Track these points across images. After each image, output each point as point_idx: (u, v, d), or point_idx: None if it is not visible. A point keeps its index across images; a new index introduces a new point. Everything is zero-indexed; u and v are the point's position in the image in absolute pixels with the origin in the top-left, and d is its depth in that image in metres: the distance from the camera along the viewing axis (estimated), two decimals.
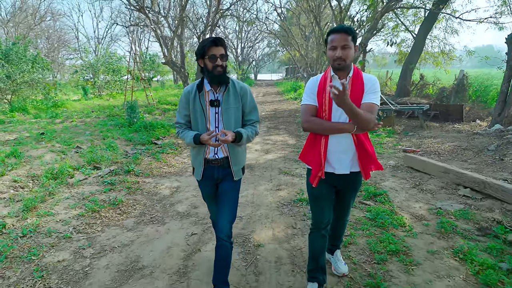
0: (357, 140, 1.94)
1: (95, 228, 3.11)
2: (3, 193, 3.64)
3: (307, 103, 1.97)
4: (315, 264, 2.20)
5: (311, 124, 1.94)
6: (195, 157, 2.08)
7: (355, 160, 1.98)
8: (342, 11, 11.04)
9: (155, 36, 10.94)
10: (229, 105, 1.99)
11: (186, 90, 2.04)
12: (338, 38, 1.80)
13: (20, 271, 2.41)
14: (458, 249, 2.83)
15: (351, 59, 1.85)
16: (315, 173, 1.99)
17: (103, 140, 6.23)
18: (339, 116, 1.91)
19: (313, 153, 2.01)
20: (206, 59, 1.88)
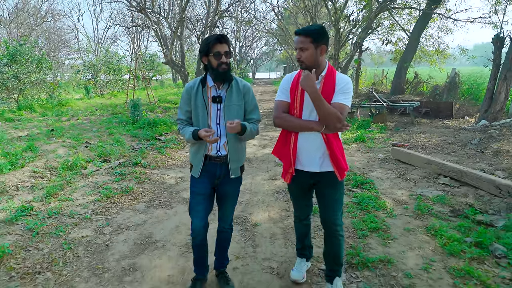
0: (327, 139, 1.93)
1: (111, 211, 3.53)
2: (25, 182, 4.05)
3: (280, 99, 2.01)
4: (302, 244, 2.44)
5: (281, 120, 1.97)
6: (195, 154, 2.07)
7: (327, 159, 1.97)
8: (337, 12, 11.44)
9: (156, 36, 11.33)
10: (232, 102, 2.00)
11: (188, 85, 2.05)
12: (297, 40, 1.86)
13: (51, 244, 2.82)
14: (430, 227, 3.25)
15: (311, 61, 1.86)
16: (286, 169, 2.04)
17: (109, 136, 6.64)
18: (309, 113, 1.94)
19: (284, 149, 2.04)
20: (210, 56, 1.90)
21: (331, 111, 1.80)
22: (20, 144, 5.31)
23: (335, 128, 1.85)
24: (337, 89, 1.88)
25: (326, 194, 2.10)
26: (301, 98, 1.93)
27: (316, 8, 17.72)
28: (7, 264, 2.49)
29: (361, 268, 2.59)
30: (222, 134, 2.02)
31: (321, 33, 1.83)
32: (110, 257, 2.70)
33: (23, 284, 2.30)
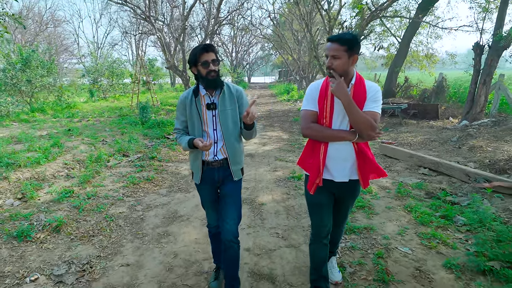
0: (358, 148, 1.91)
1: (139, 194, 4.17)
2: (60, 172, 4.68)
3: (308, 109, 1.95)
4: (318, 274, 2.20)
5: (311, 131, 1.92)
6: (194, 161, 2.14)
7: (354, 168, 1.95)
8: (330, 20, 12.22)
9: (160, 43, 11.99)
10: (226, 107, 2.04)
11: (183, 96, 2.10)
12: (330, 47, 1.80)
13: (95, 217, 3.46)
14: (407, 205, 3.94)
15: (343, 69, 1.81)
16: (313, 180, 1.97)
17: (123, 135, 7.26)
18: (340, 123, 1.89)
19: (312, 159, 1.98)
20: (199, 66, 1.95)
21: (365, 119, 1.76)
22: (45, 142, 5.91)
23: (369, 136, 1.81)
24: (368, 97, 1.85)
25: (346, 204, 2.13)
26: (331, 107, 1.88)
27: (310, 15, 18.57)
28: (65, 230, 3.12)
29: (349, 233, 3.26)
30: (219, 139, 2.07)
31: (355, 42, 1.79)
32: (146, 226, 3.34)
33: (82, 244, 2.94)
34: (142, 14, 11.74)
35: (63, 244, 2.91)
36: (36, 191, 3.98)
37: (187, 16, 11.40)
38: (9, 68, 9.66)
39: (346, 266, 2.69)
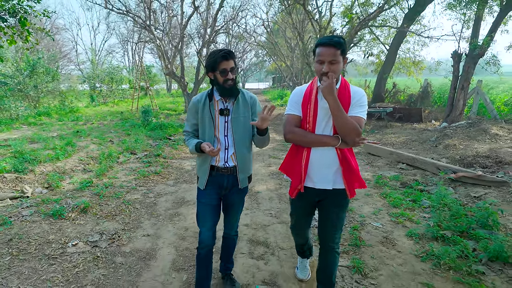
0: (341, 154, 1.86)
1: (150, 185, 4.75)
2: (77, 166, 5.24)
3: (291, 113, 1.92)
4: (301, 249, 2.50)
5: (294, 135, 1.88)
6: (201, 166, 2.10)
7: (339, 176, 1.89)
8: (321, 29, 12.99)
9: (159, 50, 12.62)
10: (239, 114, 2.02)
11: (196, 99, 2.07)
12: (326, 52, 1.72)
13: (115, 202, 4.03)
14: (383, 193, 4.57)
15: (339, 73, 1.80)
16: (294, 185, 1.95)
17: (127, 136, 7.83)
18: (323, 128, 1.86)
19: (294, 165, 1.95)
20: (216, 72, 1.92)
21: (351, 124, 1.73)
22: (59, 141, 6.47)
23: (353, 142, 1.78)
24: (353, 102, 1.82)
25: (331, 212, 2.00)
26: (314, 112, 1.85)
27: (303, 23, 19.39)
28: (91, 211, 3.69)
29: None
30: (229, 146, 2.05)
31: (346, 44, 1.78)
32: (159, 209, 3.93)
33: (108, 221, 3.51)
34: (142, 23, 12.38)
35: (91, 221, 3.48)
36: (60, 182, 4.54)
37: (185, 25, 12.07)
38: (17, 74, 10.20)
39: None
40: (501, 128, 7.54)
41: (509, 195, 4.22)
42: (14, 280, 2.44)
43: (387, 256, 2.93)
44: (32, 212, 3.57)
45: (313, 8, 17.31)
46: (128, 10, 11.58)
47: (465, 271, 2.65)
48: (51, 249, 2.89)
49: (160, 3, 13.14)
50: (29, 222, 3.34)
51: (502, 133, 7.15)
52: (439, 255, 2.84)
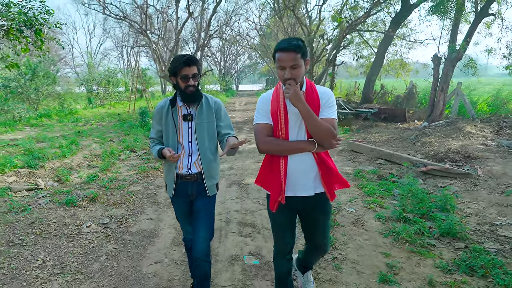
0: (319, 158, 1.81)
1: (150, 178, 5.23)
2: (82, 162, 5.70)
3: (261, 122, 1.84)
4: (283, 286, 2.18)
5: (268, 145, 1.80)
6: (167, 173, 2.07)
7: (318, 180, 1.84)
8: (310, 34, 13.56)
9: (155, 54, 13.08)
10: (202, 120, 1.99)
11: (159, 105, 2.04)
12: (286, 57, 1.66)
13: (119, 193, 4.50)
14: (360, 184, 5.10)
15: (302, 77, 1.74)
16: (274, 198, 1.84)
17: (126, 136, 8.28)
18: (297, 134, 1.80)
19: (271, 176, 1.86)
20: (178, 78, 1.90)
21: (325, 127, 1.70)
22: (63, 141, 6.90)
23: (330, 144, 1.74)
24: (322, 104, 1.79)
25: (315, 218, 1.95)
26: (285, 118, 1.79)
27: (294, 27, 19.99)
28: (99, 200, 4.17)
29: None
30: (193, 152, 2.00)
31: (305, 47, 1.72)
32: (159, 198, 4.41)
33: (115, 208, 3.99)
34: (138, 28, 12.84)
35: (100, 208, 3.95)
36: (69, 176, 5.00)
37: (180, 30, 12.56)
38: (19, 77, 10.59)
39: None
40: (475, 127, 8.14)
41: (471, 185, 4.77)
42: (41, 252, 2.92)
43: (356, 233, 3.45)
44: (48, 201, 4.04)
45: (303, 13, 17.93)
46: (125, 16, 12.04)
47: (419, 244, 3.17)
48: (69, 229, 3.36)
49: (155, 8, 13.62)
50: (46, 209, 3.81)
51: (475, 131, 7.75)
52: (399, 232, 3.37)
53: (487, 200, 4.18)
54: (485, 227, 3.50)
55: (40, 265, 2.73)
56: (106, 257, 2.90)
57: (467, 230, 3.41)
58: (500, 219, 3.64)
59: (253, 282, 2.60)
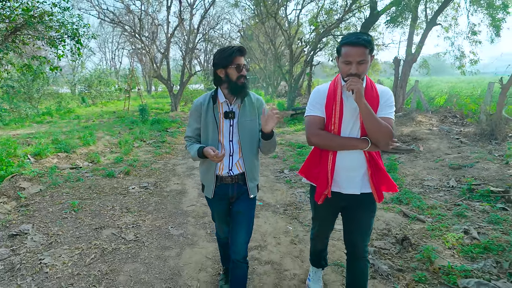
0: (370, 157, 1.75)
1: (165, 159, 6.39)
2: (105, 149, 6.76)
3: (314, 114, 1.78)
4: (318, 257, 2.30)
5: (320, 139, 1.73)
6: (205, 173, 1.96)
7: (366, 180, 1.78)
8: (289, 38, 14.96)
9: (148, 56, 14.04)
10: (245, 118, 1.87)
11: (198, 102, 1.92)
12: (355, 52, 1.59)
13: (145, 169, 5.65)
14: None
15: (366, 73, 1.68)
16: (320, 191, 1.81)
17: (131, 130, 9.31)
18: (350, 130, 1.74)
19: (319, 169, 1.82)
20: (231, 68, 1.78)
21: (385, 127, 1.62)
22: (78, 134, 7.89)
23: (386, 144, 1.67)
24: (382, 103, 1.72)
25: (359, 218, 1.89)
26: (340, 113, 1.73)
27: (274, 30, 21.35)
28: (132, 174, 5.30)
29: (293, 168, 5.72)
30: (235, 152, 1.89)
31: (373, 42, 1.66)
32: (178, 171, 5.60)
33: (147, 177, 5.15)
34: (131, 32, 13.76)
35: (136, 179, 5.11)
36: (100, 158, 6.08)
37: (172, 34, 13.60)
38: (22, 78, 11.26)
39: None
40: (425, 117, 9.80)
41: (413, 157, 6.27)
42: (108, 202, 4.08)
43: None
44: (92, 175, 5.15)
45: (283, 17, 19.29)
46: (120, 21, 12.91)
47: None
48: (119, 190, 4.52)
49: (147, 13, 14.56)
50: (94, 179, 4.93)
51: (425, 120, 9.39)
52: None
53: (422, 166, 5.68)
54: (416, 181, 4.96)
55: (111, 209, 3.90)
56: (155, 204, 4.10)
57: (404, 182, 4.86)
58: (427, 176, 5.12)
59: (260, 212, 3.88)
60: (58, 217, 3.62)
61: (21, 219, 3.53)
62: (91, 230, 3.34)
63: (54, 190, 4.41)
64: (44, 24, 5.22)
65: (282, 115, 2.14)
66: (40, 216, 3.64)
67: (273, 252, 2.97)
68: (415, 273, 2.58)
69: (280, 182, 5.09)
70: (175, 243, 3.12)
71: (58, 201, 4.07)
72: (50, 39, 5.33)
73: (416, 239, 3.13)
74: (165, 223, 3.56)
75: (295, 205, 4.09)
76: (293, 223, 3.60)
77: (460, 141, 7.01)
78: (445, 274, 2.53)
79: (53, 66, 5.70)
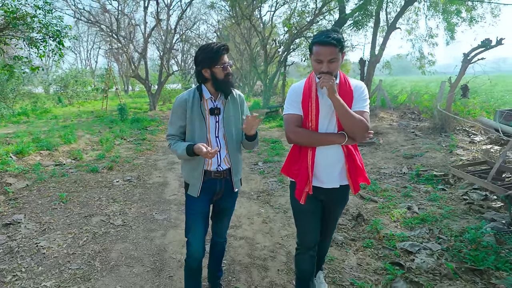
0: (347, 151, 1.79)
1: (146, 156, 6.60)
2: (86, 147, 6.86)
3: (291, 113, 1.80)
4: (303, 285, 2.04)
5: (298, 136, 1.76)
6: (192, 172, 1.89)
7: (344, 173, 1.82)
8: (264, 39, 15.38)
9: (126, 56, 13.99)
10: (230, 113, 1.89)
11: (182, 98, 1.86)
12: (325, 51, 1.61)
13: (127, 164, 5.86)
14: None
15: (338, 70, 1.71)
16: (301, 188, 1.82)
17: (111, 129, 9.37)
18: (327, 126, 1.77)
19: (299, 166, 1.84)
20: (216, 68, 1.77)
21: (359, 120, 1.66)
22: (58, 132, 7.89)
23: (362, 136, 1.70)
24: (356, 97, 1.75)
25: (332, 210, 1.97)
26: (316, 110, 1.75)
27: (250, 31, 21.72)
28: (115, 169, 5.51)
29: (266, 161, 6.14)
30: (222, 147, 1.89)
31: (343, 39, 1.66)
32: (160, 166, 5.85)
33: (130, 172, 5.37)
34: (109, 32, 13.64)
35: (119, 173, 5.32)
36: (82, 155, 6.21)
37: (150, 35, 13.62)
38: None
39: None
40: (387, 113, 10.55)
41: (374, 149, 6.86)
42: (94, 194, 4.30)
43: None
44: (76, 170, 5.31)
45: (257, 18, 19.68)
46: (97, 20, 12.77)
47: None
48: (104, 184, 4.74)
49: (123, 13, 14.47)
50: (79, 174, 5.10)
51: (386, 116, 10.12)
52: None
53: (381, 156, 6.27)
54: (374, 169, 5.52)
55: (98, 199, 4.14)
56: (139, 194, 4.37)
57: None
58: (384, 165, 5.69)
59: None
60: (48, 208, 3.82)
61: (12, 211, 3.70)
62: (81, 218, 3.58)
63: (40, 185, 4.57)
64: (27, 26, 5.30)
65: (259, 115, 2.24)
66: (30, 207, 3.82)
67: (247, 230, 3.36)
68: (364, 241, 3.06)
69: (254, 173, 5.49)
70: (160, 226, 3.44)
71: (46, 194, 4.25)
72: (32, 39, 5.41)
73: (368, 215, 3.63)
74: (149, 210, 3.85)
75: (267, 192, 4.49)
76: (265, 207, 4.00)
77: (415, 134, 7.72)
78: (388, 240, 3.02)
79: (34, 67, 5.75)
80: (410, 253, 2.80)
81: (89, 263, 2.71)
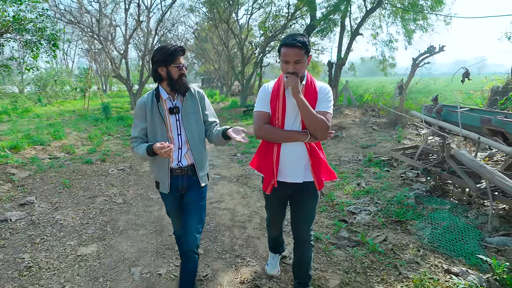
0: (310, 148, 1.86)
1: None
2: (77, 142, 7.23)
3: (260, 110, 1.89)
4: (275, 243, 2.46)
5: (265, 132, 1.85)
6: (159, 170, 1.95)
7: (308, 169, 1.90)
8: (240, 42, 16.02)
9: (107, 56, 14.15)
10: (188, 110, 1.92)
11: (141, 102, 1.92)
12: (291, 53, 1.70)
13: (118, 157, 6.34)
14: None
15: (304, 71, 1.79)
16: (268, 181, 1.94)
17: (95, 127, 9.68)
18: (292, 123, 1.85)
19: (265, 161, 1.94)
20: (172, 67, 1.81)
21: (319, 120, 1.74)
22: (46, 130, 8.16)
23: (323, 135, 1.79)
24: (320, 97, 1.83)
25: (303, 205, 2.02)
26: (283, 108, 1.84)
27: (227, 33, 22.24)
28: (108, 161, 5.98)
29: (244, 152, 6.82)
30: (183, 144, 1.93)
31: (309, 43, 1.75)
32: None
33: (122, 163, 5.87)
34: (90, 32, 13.75)
35: (112, 164, 5.81)
36: (75, 149, 6.59)
37: (131, 36, 13.87)
38: None
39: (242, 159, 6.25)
40: (351, 110, 11.56)
41: (337, 142, 7.73)
42: (93, 181, 4.81)
43: None
44: (72, 162, 5.75)
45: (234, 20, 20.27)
46: (78, 21, 12.86)
47: None
48: (100, 173, 5.23)
49: (104, 14, 14.58)
50: (75, 166, 5.55)
51: (350, 113, 11.11)
52: None
53: (342, 147, 7.14)
54: (336, 157, 6.36)
55: (98, 185, 4.65)
56: (134, 180, 4.92)
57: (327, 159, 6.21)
58: (344, 154, 6.55)
59: (219, 182, 4.91)
60: (54, 192, 4.30)
61: (22, 194, 4.16)
62: (86, 199, 4.11)
63: (42, 174, 5.00)
64: (24, 29, 5.66)
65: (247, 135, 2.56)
66: (38, 192, 4.29)
67: (229, 203, 4.04)
68: (321, 207, 3.83)
69: (233, 162, 6.16)
70: (156, 203, 4.04)
71: (49, 181, 4.70)
72: (27, 41, 5.77)
73: (326, 191, 4.41)
74: (145, 192, 4.43)
75: (245, 176, 5.19)
76: (243, 187, 4.69)
77: (373, 128, 8.70)
78: (338, 206, 3.81)
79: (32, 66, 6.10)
80: (353, 214, 3.60)
81: (102, 229, 3.28)
